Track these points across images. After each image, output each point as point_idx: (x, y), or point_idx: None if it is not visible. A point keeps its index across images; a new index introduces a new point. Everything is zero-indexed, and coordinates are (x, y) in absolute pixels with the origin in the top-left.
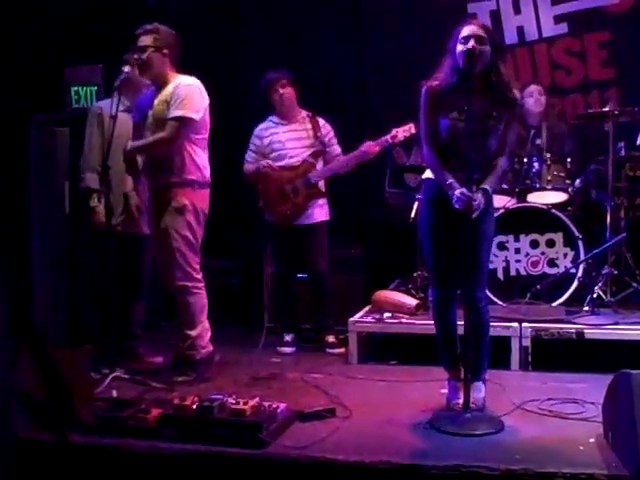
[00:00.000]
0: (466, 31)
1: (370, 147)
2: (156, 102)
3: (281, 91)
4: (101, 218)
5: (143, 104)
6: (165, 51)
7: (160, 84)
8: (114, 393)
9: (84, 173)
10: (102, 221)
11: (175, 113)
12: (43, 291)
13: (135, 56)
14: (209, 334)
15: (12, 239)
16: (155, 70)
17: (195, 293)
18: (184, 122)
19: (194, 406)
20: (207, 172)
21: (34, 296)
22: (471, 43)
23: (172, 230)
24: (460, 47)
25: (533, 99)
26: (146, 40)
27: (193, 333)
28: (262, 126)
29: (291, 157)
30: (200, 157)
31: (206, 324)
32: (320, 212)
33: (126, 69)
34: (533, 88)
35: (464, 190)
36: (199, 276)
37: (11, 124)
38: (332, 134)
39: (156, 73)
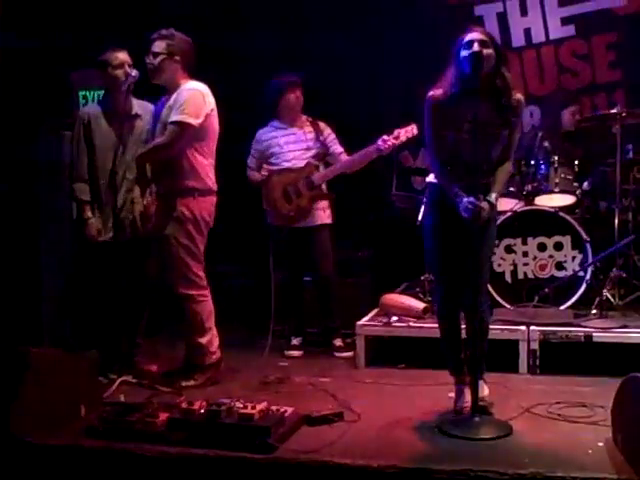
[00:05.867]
0: (469, 37)
1: (383, 144)
2: (164, 110)
3: (293, 95)
4: (93, 232)
5: (157, 112)
6: (177, 58)
7: (172, 90)
8: (122, 397)
9: (74, 184)
10: (94, 235)
11: (173, 118)
12: (51, 296)
13: (147, 60)
14: (217, 340)
15: (21, 245)
16: (165, 76)
17: (200, 301)
18: (182, 127)
19: (202, 410)
20: (210, 180)
21: (42, 301)
22: (475, 46)
23: (172, 238)
24: (464, 52)
25: (573, 120)
26: (160, 46)
27: (203, 340)
28: (262, 130)
29: (289, 160)
30: (201, 165)
31: (214, 330)
32: (322, 215)
33: (133, 73)
34: (578, 108)
35: (472, 199)
36: (204, 283)
37: (20, 128)
38: (333, 135)
39: (166, 79)
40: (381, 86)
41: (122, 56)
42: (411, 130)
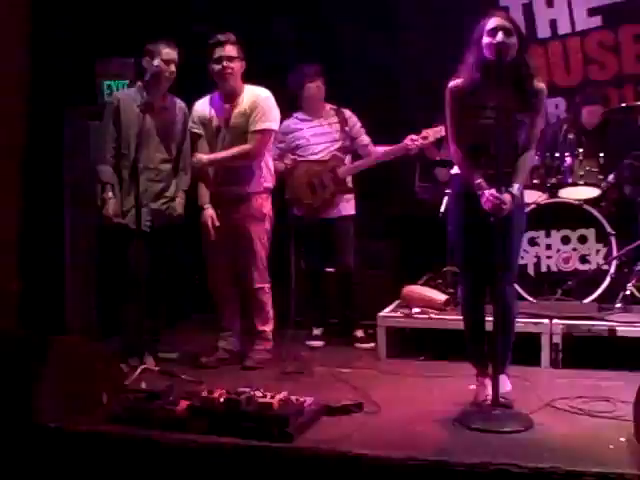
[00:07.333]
0: (492, 23)
1: (412, 143)
2: (234, 114)
3: (314, 84)
4: (110, 212)
5: (207, 115)
6: (244, 61)
7: (232, 94)
8: (143, 385)
9: (98, 166)
10: (109, 215)
11: (261, 126)
12: (75, 285)
13: (222, 65)
14: None
15: (47, 234)
16: (237, 80)
17: (267, 292)
18: (269, 134)
19: (222, 399)
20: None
21: (66, 289)
22: (500, 36)
23: (256, 238)
24: (487, 40)
25: (594, 118)
26: (233, 51)
27: (267, 328)
28: (287, 122)
29: (316, 152)
30: (271, 164)
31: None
32: (346, 206)
33: (156, 62)
34: (597, 109)
35: (493, 191)
36: (268, 276)
37: (45, 119)
38: (359, 124)
39: (235, 84)
40: (404, 76)
41: (172, 53)
42: (439, 131)
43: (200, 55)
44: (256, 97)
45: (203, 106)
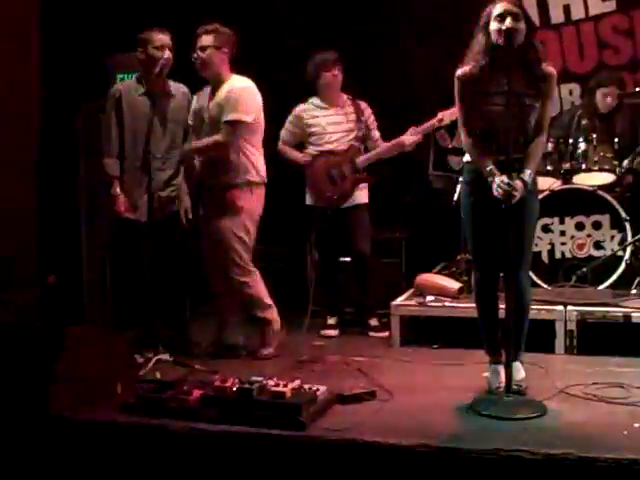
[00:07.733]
0: (500, 8)
1: (413, 135)
2: (211, 105)
3: (330, 73)
4: (121, 207)
5: (201, 104)
6: (225, 50)
7: (216, 84)
8: (158, 375)
9: (104, 159)
10: (121, 211)
11: (229, 117)
12: (91, 277)
13: (195, 55)
14: (276, 310)
15: (62, 227)
16: (214, 69)
17: (252, 285)
18: (238, 125)
19: (235, 388)
20: (263, 172)
21: (83, 281)
22: (509, 21)
23: (229, 232)
24: (496, 25)
25: (608, 100)
26: (207, 40)
27: (267, 315)
28: (302, 107)
29: (331, 142)
30: (256, 157)
31: (273, 305)
32: (360, 195)
33: (166, 54)
34: (612, 90)
35: (504, 178)
36: (253, 268)
37: (59, 113)
38: (373, 118)
39: (213, 72)
40: (415, 64)
41: (164, 38)
42: (454, 112)
43: None
44: (231, 87)
45: (197, 98)
